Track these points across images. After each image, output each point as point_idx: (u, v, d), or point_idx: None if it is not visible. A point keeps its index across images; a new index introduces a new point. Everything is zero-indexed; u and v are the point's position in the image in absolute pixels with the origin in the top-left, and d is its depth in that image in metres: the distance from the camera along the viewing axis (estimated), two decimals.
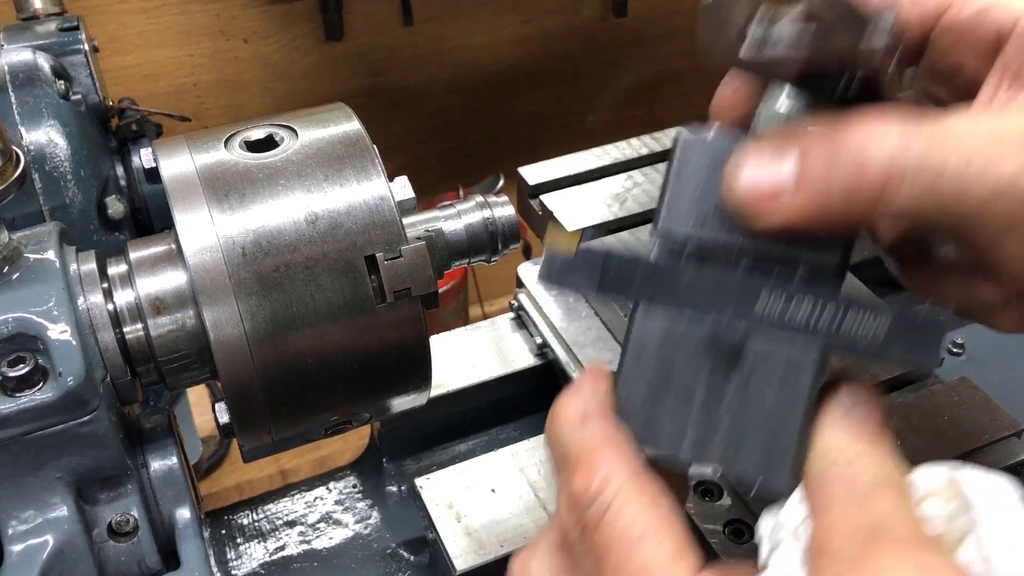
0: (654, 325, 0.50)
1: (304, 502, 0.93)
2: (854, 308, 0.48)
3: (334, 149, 0.63)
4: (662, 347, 0.50)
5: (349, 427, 0.67)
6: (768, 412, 0.48)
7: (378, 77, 1.93)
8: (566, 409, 0.51)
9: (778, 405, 0.48)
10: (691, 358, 0.49)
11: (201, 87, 1.80)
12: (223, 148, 0.63)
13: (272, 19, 1.78)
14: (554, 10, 1.99)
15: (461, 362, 0.94)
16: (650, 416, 0.49)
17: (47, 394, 0.55)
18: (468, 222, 0.67)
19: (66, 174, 0.84)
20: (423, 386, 0.66)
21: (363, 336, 0.60)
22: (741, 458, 0.48)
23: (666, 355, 0.50)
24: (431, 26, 1.90)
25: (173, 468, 0.65)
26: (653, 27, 2.10)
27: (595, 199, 0.98)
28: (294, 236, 0.59)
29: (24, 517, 0.59)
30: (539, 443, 0.87)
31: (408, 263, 0.60)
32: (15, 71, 0.86)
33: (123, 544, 0.62)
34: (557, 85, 2.10)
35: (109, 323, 0.59)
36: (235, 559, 0.88)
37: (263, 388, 0.59)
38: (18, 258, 0.59)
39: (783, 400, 0.48)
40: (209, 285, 0.57)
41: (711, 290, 0.50)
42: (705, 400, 0.49)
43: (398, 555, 0.88)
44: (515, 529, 0.80)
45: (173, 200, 0.60)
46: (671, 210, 0.51)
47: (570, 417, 0.50)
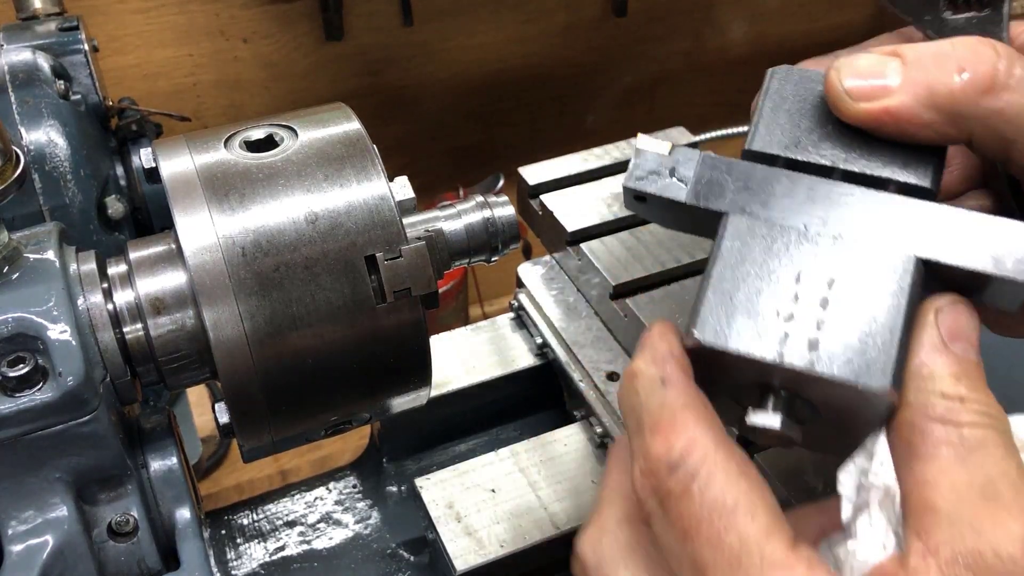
0: (748, 231, 0.49)
1: (304, 502, 0.93)
2: (955, 217, 0.47)
3: (334, 149, 0.63)
4: (753, 250, 0.48)
5: (349, 427, 0.67)
6: (868, 314, 0.46)
7: (378, 77, 1.92)
8: (645, 369, 0.47)
9: (878, 308, 0.46)
10: (787, 258, 0.48)
11: (201, 87, 1.80)
12: (223, 148, 0.63)
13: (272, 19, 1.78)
14: (554, 10, 1.99)
15: (461, 362, 0.94)
16: (738, 319, 0.47)
17: (47, 394, 0.55)
18: (468, 222, 0.67)
19: (66, 174, 0.84)
20: (423, 386, 0.66)
21: (363, 336, 0.60)
22: (840, 359, 0.45)
23: (761, 255, 0.48)
24: (431, 26, 1.90)
25: (173, 468, 0.65)
26: (653, 27, 2.10)
27: (595, 199, 0.98)
28: (294, 236, 0.59)
29: (24, 517, 0.59)
30: (539, 443, 0.87)
31: (408, 263, 0.60)
32: (15, 71, 0.86)
33: (123, 544, 0.62)
34: (557, 85, 2.10)
35: (109, 323, 0.59)
36: (235, 559, 0.88)
37: (263, 388, 0.59)
38: (18, 258, 0.59)
39: (883, 305, 0.46)
40: (209, 285, 0.57)
41: (805, 199, 0.49)
42: (798, 302, 0.47)
43: (398, 555, 0.88)
44: (515, 529, 0.79)
45: (173, 200, 0.60)
46: (763, 132, 0.52)
47: (649, 377, 0.47)
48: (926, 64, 0.48)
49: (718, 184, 0.50)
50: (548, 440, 0.88)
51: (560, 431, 0.89)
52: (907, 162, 0.50)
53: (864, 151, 0.51)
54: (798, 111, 0.52)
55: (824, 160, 0.51)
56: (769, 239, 0.48)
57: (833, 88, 0.50)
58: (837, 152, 0.51)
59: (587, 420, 0.88)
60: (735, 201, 0.50)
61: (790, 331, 0.46)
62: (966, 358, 0.45)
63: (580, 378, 0.89)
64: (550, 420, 0.95)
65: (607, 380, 0.88)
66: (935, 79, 0.48)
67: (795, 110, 0.52)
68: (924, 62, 0.48)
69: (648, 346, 0.49)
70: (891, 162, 0.50)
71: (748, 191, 0.50)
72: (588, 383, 0.88)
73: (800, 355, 0.45)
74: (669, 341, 0.48)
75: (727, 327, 0.47)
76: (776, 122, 0.52)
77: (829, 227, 0.48)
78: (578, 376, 0.89)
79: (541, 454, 0.86)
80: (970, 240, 0.47)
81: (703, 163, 0.51)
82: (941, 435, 0.43)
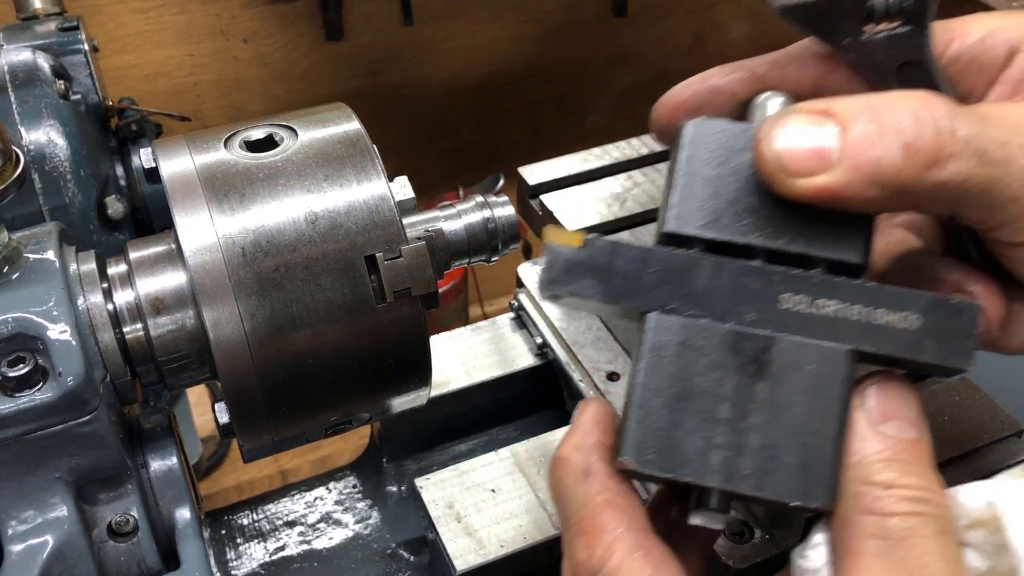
0: (670, 334, 0.46)
1: (304, 502, 0.93)
2: (884, 296, 0.45)
3: (334, 149, 0.63)
4: (680, 358, 0.45)
5: (349, 427, 0.67)
6: (800, 424, 0.44)
7: (378, 77, 1.93)
8: (569, 458, 0.49)
9: (810, 415, 0.44)
10: (713, 368, 0.45)
11: (201, 87, 1.80)
12: (223, 148, 0.63)
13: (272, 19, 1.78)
14: (554, 10, 1.99)
15: (461, 362, 0.94)
16: (670, 439, 0.45)
17: (47, 394, 0.55)
18: (468, 222, 0.67)
19: (66, 174, 0.84)
20: (423, 386, 0.66)
21: (363, 336, 0.60)
22: (775, 479, 0.44)
23: (685, 367, 0.45)
24: (431, 26, 1.90)
25: (173, 468, 0.65)
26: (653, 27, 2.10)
27: (595, 199, 0.98)
28: (294, 236, 0.59)
29: (24, 517, 0.59)
30: (539, 443, 0.87)
31: (408, 263, 0.60)
32: (15, 71, 0.86)
33: (123, 544, 0.62)
34: (557, 85, 2.10)
35: (109, 323, 0.59)
36: (235, 559, 0.88)
37: (263, 388, 0.59)
38: (18, 258, 0.59)
39: (815, 409, 0.44)
40: (209, 285, 0.57)
41: (730, 292, 0.46)
42: (731, 415, 0.45)
43: (398, 555, 0.88)
44: (515, 529, 0.79)
45: (173, 200, 0.59)
46: (680, 207, 0.47)
47: (573, 468, 0.48)
48: (867, 135, 0.44)
49: (635, 277, 0.46)
50: (548, 440, 0.88)
51: (560, 431, 0.89)
52: (836, 236, 0.46)
53: (790, 224, 0.47)
54: (716, 178, 0.47)
55: (747, 240, 0.47)
56: (694, 345, 0.45)
57: (766, 165, 0.46)
58: (761, 228, 0.47)
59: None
60: (655, 296, 0.46)
61: (723, 452, 0.44)
62: (899, 438, 0.44)
63: (580, 378, 0.89)
64: (550, 420, 0.95)
65: (607, 380, 0.88)
66: (878, 155, 0.43)
67: (712, 177, 0.47)
68: (864, 132, 0.44)
69: (578, 430, 0.49)
70: (819, 237, 0.46)
71: (668, 283, 0.46)
72: (588, 383, 0.88)
73: (736, 478, 0.44)
74: (600, 425, 0.49)
75: (656, 451, 0.45)
76: (692, 194, 0.47)
77: (757, 325, 0.45)
78: (578, 376, 0.89)
79: (541, 454, 0.86)
80: (896, 322, 0.45)
81: (617, 254, 0.46)
82: (867, 527, 0.42)
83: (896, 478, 0.42)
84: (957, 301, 0.45)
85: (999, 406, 0.80)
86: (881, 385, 0.46)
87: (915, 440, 0.44)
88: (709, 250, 0.47)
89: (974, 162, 0.43)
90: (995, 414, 0.79)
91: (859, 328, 0.45)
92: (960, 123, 0.43)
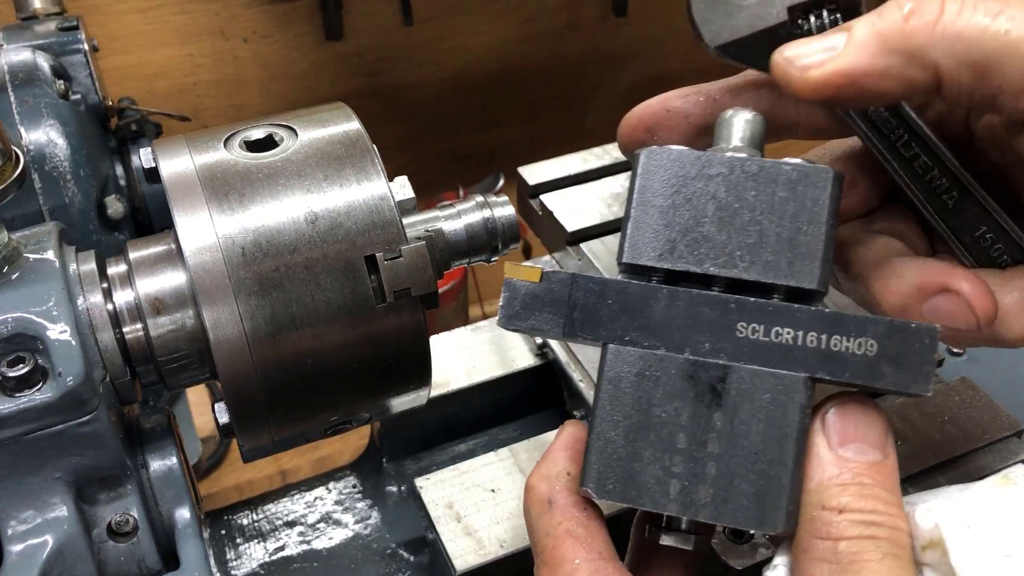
0: (627, 365, 0.46)
1: (304, 502, 0.93)
2: (841, 323, 0.45)
3: (334, 149, 0.63)
4: (637, 388, 0.46)
5: (349, 427, 0.67)
6: (756, 451, 0.45)
7: (378, 77, 1.93)
8: (535, 487, 0.50)
9: (766, 442, 0.45)
10: (670, 398, 0.46)
11: (201, 87, 1.80)
12: (223, 148, 0.63)
13: (272, 19, 1.78)
14: (554, 10, 1.99)
15: (461, 362, 0.94)
16: (630, 469, 0.46)
17: (47, 394, 0.55)
18: (468, 222, 0.67)
19: (65, 174, 0.84)
20: (423, 386, 0.66)
21: (363, 336, 0.60)
22: (732, 507, 0.45)
23: (642, 397, 0.46)
24: (431, 26, 1.90)
25: (173, 468, 0.65)
26: (653, 27, 2.10)
27: (595, 199, 0.98)
28: (294, 236, 0.59)
29: (24, 517, 0.59)
30: (539, 443, 0.87)
31: (408, 263, 0.60)
32: (15, 71, 0.86)
33: (123, 544, 0.62)
34: (557, 85, 2.10)
35: (109, 323, 0.59)
36: (235, 559, 0.88)
37: (263, 388, 0.59)
38: (18, 258, 0.59)
39: (771, 436, 0.45)
40: (209, 285, 0.57)
41: (686, 322, 0.46)
42: (688, 444, 0.45)
43: (398, 555, 0.88)
44: (515, 529, 0.79)
45: (173, 200, 0.59)
46: (636, 238, 0.48)
47: (538, 497, 0.50)
48: (869, 18, 0.45)
49: (593, 309, 0.47)
50: (548, 440, 0.87)
51: None
52: (792, 260, 0.46)
53: (746, 251, 0.47)
54: (671, 207, 0.48)
55: (704, 268, 0.47)
56: (651, 376, 0.46)
57: (778, 66, 0.47)
58: (717, 256, 0.47)
59: (587, 420, 0.88)
60: (613, 328, 0.47)
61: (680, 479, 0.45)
62: (857, 460, 0.44)
63: (580, 378, 0.89)
64: (550, 420, 0.95)
65: None
66: (882, 26, 0.44)
67: (667, 206, 0.48)
68: (867, 18, 0.45)
69: (546, 458, 0.51)
70: (775, 264, 0.47)
71: (626, 314, 0.47)
72: (588, 383, 0.88)
73: (694, 506, 0.45)
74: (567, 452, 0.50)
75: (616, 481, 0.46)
76: (648, 223, 0.48)
77: (713, 355, 0.46)
78: (578, 376, 0.89)
79: (541, 454, 0.86)
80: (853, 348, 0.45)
81: (576, 287, 0.47)
82: (818, 552, 0.42)
83: (850, 502, 0.42)
84: (916, 325, 0.45)
85: (999, 406, 0.80)
86: (842, 407, 0.45)
87: (876, 462, 0.44)
88: (667, 280, 0.48)
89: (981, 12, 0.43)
90: (995, 414, 0.79)
91: (816, 355, 0.45)
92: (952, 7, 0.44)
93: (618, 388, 0.47)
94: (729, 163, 0.49)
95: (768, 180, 0.48)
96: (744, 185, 0.48)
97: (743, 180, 0.48)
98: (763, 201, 0.48)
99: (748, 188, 0.48)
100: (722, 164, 0.49)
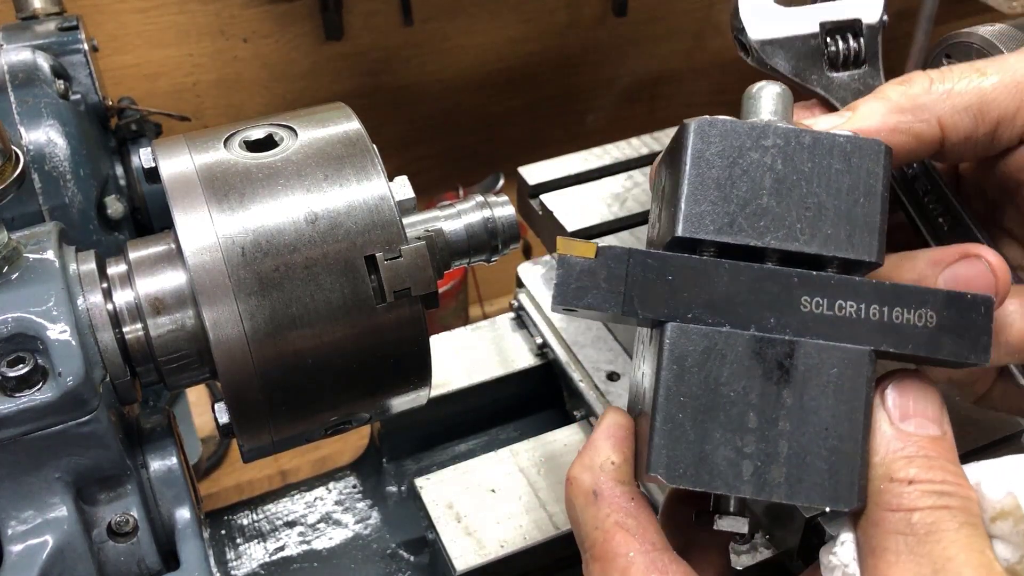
0: (692, 343, 0.45)
1: (304, 502, 0.93)
2: (901, 295, 0.45)
3: (334, 149, 0.63)
4: (703, 367, 0.45)
5: (349, 427, 0.67)
6: (827, 427, 0.44)
7: (378, 77, 1.93)
8: (578, 478, 0.49)
9: (836, 418, 0.44)
10: (738, 376, 0.45)
11: (201, 87, 1.80)
12: (223, 148, 0.63)
13: (272, 19, 1.78)
14: (554, 10, 1.99)
15: (461, 362, 0.94)
16: (700, 451, 0.44)
17: (47, 394, 0.55)
18: (468, 222, 0.67)
19: (65, 174, 0.84)
20: (423, 386, 0.66)
21: (363, 336, 0.60)
22: (806, 485, 0.44)
23: (709, 376, 0.45)
24: (431, 26, 1.90)
25: (173, 468, 0.65)
26: (653, 27, 2.10)
27: (595, 199, 0.98)
28: (294, 236, 0.59)
29: (24, 517, 0.58)
30: (539, 443, 0.87)
31: (408, 263, 0.60)
32: (15, 71, 0.86)
33: (123, 544, 0.62)
34: (557, 85, 2.10)
35: (109, 323, 0.59)
36: (235, 559, 0.88)
37: (263, 388, 0.59)
38: (18, 258, 0.59)
39: (841, 411, 0.44)
40: (209, 285, 0.57)
41: (749, 297, 0.45)
42: (759, 423, 0.44)
43: (398, 555, 0.88)
44: (515, 529, 0.79)
45: (172, 200, 0.59)
46: (692, 210, 0.46)
47: (582, 489, 0.48)
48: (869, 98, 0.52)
49: (652, 286, 0.45)
50: (548, 440, 0.88)
51: (560, 431, 0.89)
52: (852, 232, 0.46)
53: (806, 223, 0.47)
54: (728, 179, 0.47)
55: (763, 242, 0.46)
56: (715, 354, 0.45)
57: None
58: (777, 229, 0.46)
59: (587, 420, 0.88)
60: (673, 305, 0.45)
61: (753, 460, 0.44)
62: (919, 435, 0.44)
63: (580, 378, 0.89)
64: (550, 420, 0.95)
65: (607, 380, 0.88)
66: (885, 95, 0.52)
67: (723, 178, 0.47)
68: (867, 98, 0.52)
69: (588, 447, 0.49)
70: (835, 235, 0.46)
71: (687, 290, 0.45)
72: (588, 383, 0.88)
73: (768, 487, 0.44)
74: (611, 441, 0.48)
75: (687, 465, 0.44)
76: (704, 196, 0.46)
77: (778, 330, 0.45)
78: (578, 376, 0.89)
79: (541, 454, 0.86)
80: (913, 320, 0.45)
81: (633, 263, 0.46)
82: (891, 524, 0.42)
83: (919, 474, 0.43)
84: (971, 296, 0.45)
85: None
86: (900, 383, 0.46)
87: (937, 436, 0.44)
88: (722, 254, 0.47)
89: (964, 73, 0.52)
90: (995, 414, 0.79)
91: (878, 328, 0.45)
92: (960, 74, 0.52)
93: (683, 367, 0.45)
94: (784, 134, 0.48)
95: (823, 152, 0.48)
96: (800, 156, 0.48)
97: (799, 151, 0.48)
98: (819, 173, 0.47)
99: (804, 160, 0.48)
100: (777, 135, 0.48)
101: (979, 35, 0.76)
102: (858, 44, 0.57)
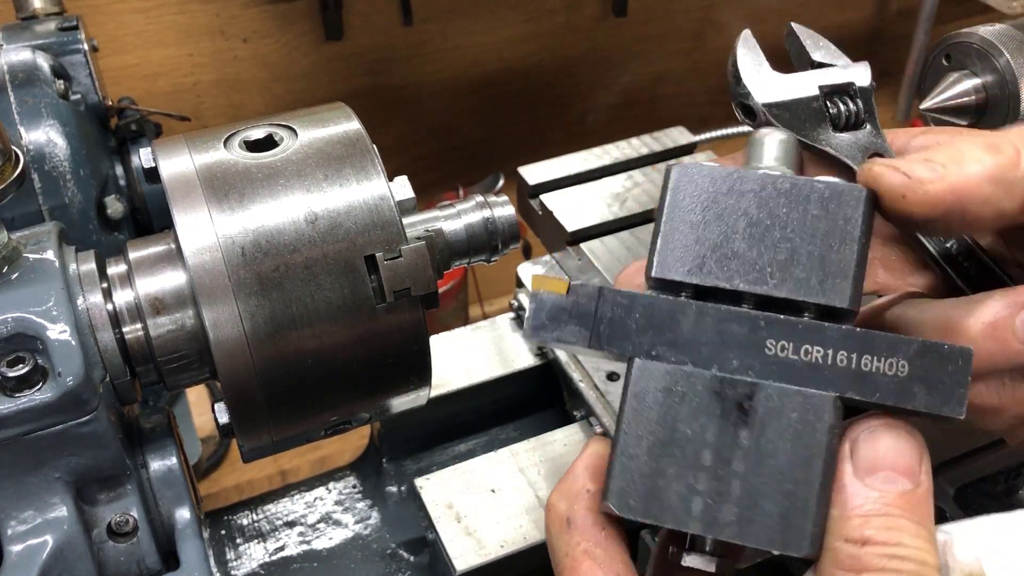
0: (653, 380, 0.46)
1: (304, 502, 0.93)
2: (871, 343, 0.44)
3: (334, 149, 0.63)
4: (663, 404, 0.45)
5: (349, 427, 0.67)
6: (783, 471, 0.44)
7: (378, 77, 1.93)
8: (555, 506, 0.50)
9: (793, 463, 0.44)
10: (696, 414, 0.45)
11: (201, 87, 1.80)
12: (223, 148, 0.63)
13: (272, 19, 1.78)
14: (554, 10, 2.00)
15: (461, 362, 0.94)
16: (653, 485, 0.45)
17: (46, 394, 0.55)
18: (468, 222, 0.67)
19: (65, 174, 0.84)
20: (423, 386, 0.66)
21: (363, 336, 0.60)
22: (756, 527, 0.44)
23: (668, 413, 0.45)
24: (431, 26, 1.90)
25: (173, 468, 0.65)
26: (653, 27, 2.10)
27: (595, 199, 0.98)
28: (294, 236, 0.59)
29: (24, 517, 0.58)
30: (539, 443, 0.87)
31: (408, 263, 0.60)
32: (15, 71, 0.86)
33: (123, 544, 0.62)
34: (557, 85, 2.10)
35: (108, 323, 0.59)
36: (235, 559, 0.88)
37: (263, 388, 0.59)
38: (17, 258, 0.59)
39: (798, 457, 0.44)
40: (208, 285, 0.57)
41: (714, 338, 0.46)
42: (713, 462, 0.45)
43: (398, 555, 0.88)
44: (515, 529, 0.79)
45: (172, 200, 0.59)
46: (665, 253, 0.48)
47: (558, 516, 0.49)
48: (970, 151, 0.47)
49: (621, 322, 0.47)
50: (548, 440, 0.88)
51: (560, 431, 0.89)
52: (824, 278, 0.46)
53: (776, 267, 0.47)
54: (701, 223, 0.48)
55: (733, 284, 0.47)
56: (677, 392, 0.46)
57: (891, 180, 0.47)
58: (747, 272, 0.47)
59: (587, 420, 0.88)
60: (639, 343, 0.46)
61: (704, 497, 0.44)
62: (884, 489, 0.43)
63: (580, 378, 0.89)
64: (550, 420, 0.95)
65: (607, 380, 0.88)
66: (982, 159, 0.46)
67: (698, 221, 0.48)
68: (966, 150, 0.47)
69: (568, 475, 0.50)
70: (806, 282, 0.46)
71: (653, 329, 0.46)
72: (588, 383, 0.88)
73: (717, 525, 0.44)
74: (589, 471, 0.49)
75: (638, 497, 0.45)
76: (677, 239, 0.48)
77: (741, 372, 0.45)
78: (578, 376, 0.89)
79: (541, 454, 0.86)
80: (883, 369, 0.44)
81: (603, 300, 0.47)
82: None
83: (874, 535, 0.42)
84: (948, 347, 0.44)
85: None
86: (872, 432, 0.44)
87: (906, 491, 0.43)
88: (696, 295, 0.47)
89: None
90: None
91: (846, 375, 0.44)
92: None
93: (643, 403, 0.46)
94: (761, 180, 0.48)
95: (800, 198, 0.48)
96: (776, 202, 0.48)
97: (775, 197, 0.48)
98: (795, 218, 0.48)
99: (780, 205, 0.48)
100: (754, 181, 0.48)
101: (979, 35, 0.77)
102: (856, 105, 0.57)
